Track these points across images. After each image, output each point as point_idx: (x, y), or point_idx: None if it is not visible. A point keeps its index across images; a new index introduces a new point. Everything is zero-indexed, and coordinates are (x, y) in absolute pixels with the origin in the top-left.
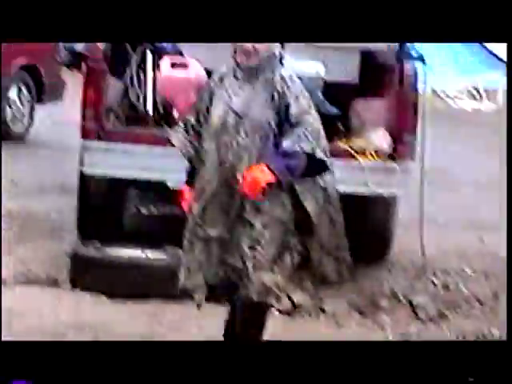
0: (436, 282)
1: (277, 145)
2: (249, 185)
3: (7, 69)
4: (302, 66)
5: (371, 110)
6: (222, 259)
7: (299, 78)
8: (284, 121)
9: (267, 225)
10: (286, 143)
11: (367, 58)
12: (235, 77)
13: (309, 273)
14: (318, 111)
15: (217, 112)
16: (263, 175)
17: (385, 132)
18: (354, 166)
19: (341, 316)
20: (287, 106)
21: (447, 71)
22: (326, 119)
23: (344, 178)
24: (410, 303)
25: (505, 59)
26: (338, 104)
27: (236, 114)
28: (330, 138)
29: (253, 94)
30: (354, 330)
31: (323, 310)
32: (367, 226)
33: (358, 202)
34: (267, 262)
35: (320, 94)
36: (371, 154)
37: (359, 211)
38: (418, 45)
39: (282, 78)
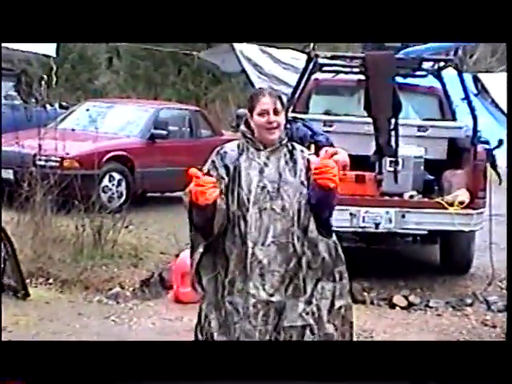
0: (502, 286)
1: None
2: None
3: None
4: (411, 149)
5: (456, 177)
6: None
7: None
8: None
9: (320, 279)
10: None
11: (451, 143)
12: (256, 148)
13: None
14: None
15: (250, 182)
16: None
17: (465, 191)
18: (446, 213)
19: (440, 310)
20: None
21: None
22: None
23: (439, 221)
24: (486, 301)
25: None
26: (433, 174)
27: (273, 181)
28: (430, 195)
29: (279, 160)
30: (449, 319)
31: (429, 306)
32: (455, 251)
33: (448, 236)
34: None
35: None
36: (457, 205)
37: (449, 242)
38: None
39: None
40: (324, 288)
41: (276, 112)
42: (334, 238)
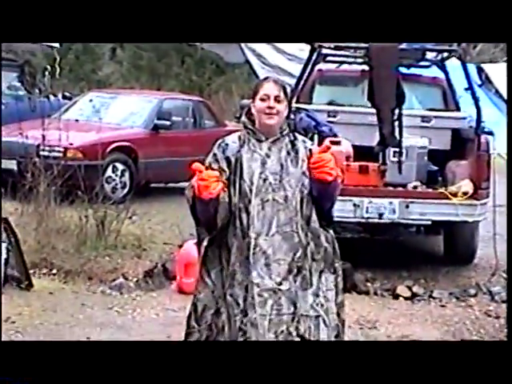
0: (505, 276)
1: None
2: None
3: None
4: (415, 140)
5: (460, 167)
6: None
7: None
8: None
9: (323, 270)
10: None
11: (455, 133)
12: (258, 139)
13: None
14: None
15: (252, 173)
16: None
17: (469, 181)
18: (450, 204)
19: (444, 301)
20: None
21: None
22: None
23: (443, 212)
24: (489, 291)
25: None
26: (437, 164)
27: (275, 173)
28: (434, 186)
29: (280, 151)
30: (453, 309)
31: (433, 297)
32: (459, 242)
33: (452, 227)
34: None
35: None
36: (461, 196)
37: (453, 233)
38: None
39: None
40: (327, 280)
41: (277, 99)
42: (332, 232)
